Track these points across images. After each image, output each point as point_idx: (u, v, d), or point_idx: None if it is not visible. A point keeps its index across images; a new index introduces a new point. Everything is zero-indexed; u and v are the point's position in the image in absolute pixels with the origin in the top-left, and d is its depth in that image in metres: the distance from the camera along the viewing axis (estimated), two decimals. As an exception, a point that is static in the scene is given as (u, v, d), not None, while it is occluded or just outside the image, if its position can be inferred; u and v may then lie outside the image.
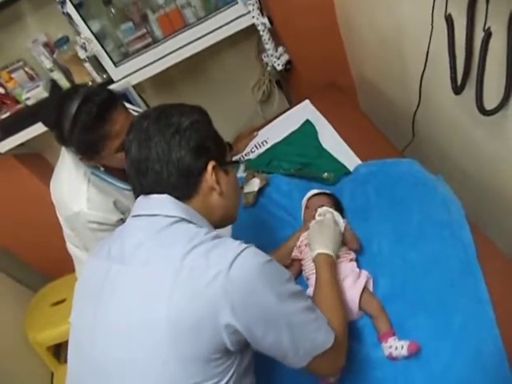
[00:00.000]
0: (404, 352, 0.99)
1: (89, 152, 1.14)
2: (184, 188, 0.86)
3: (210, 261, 0.74)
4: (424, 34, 1.23)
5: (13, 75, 1.77)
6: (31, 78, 1.83)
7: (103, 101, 1.09)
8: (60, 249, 1.55)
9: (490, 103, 1.07)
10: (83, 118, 1.07)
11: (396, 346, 1.01)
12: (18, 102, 1.81)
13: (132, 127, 0.89)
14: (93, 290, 0.84)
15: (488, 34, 0.94)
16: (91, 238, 1.27)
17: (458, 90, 1.17)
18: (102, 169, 1.24)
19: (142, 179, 0.86)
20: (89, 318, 0.82)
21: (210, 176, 0.87)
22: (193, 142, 0.85)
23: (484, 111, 1.09)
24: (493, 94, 1.05)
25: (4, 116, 1.78)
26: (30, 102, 1.75)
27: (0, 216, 2.18)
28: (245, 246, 0.78)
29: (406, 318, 1.07)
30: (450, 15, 1.04)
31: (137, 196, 0.89)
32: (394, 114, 1.77)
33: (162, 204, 0.84)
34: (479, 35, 0.98)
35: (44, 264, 2.43)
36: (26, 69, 1.81)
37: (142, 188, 0.87)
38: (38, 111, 1.60)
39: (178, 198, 0.85)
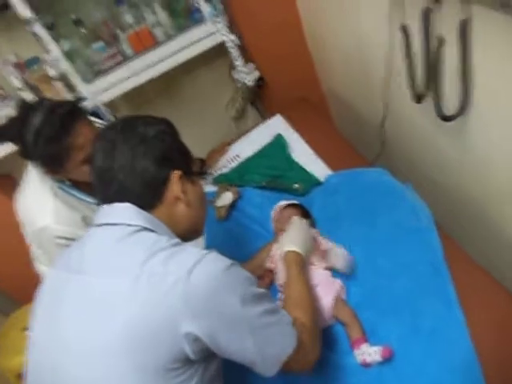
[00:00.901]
0: (378, 357, 0.99)
1: (53, 165, 1.12)
2: (147, 197, 0.85)
3: (169, 268, 0.73)
4: (384, 47, 1.27)
5: (-18, 95, 1.76)
6: (1, 98, 1.81)
7: (67, 113, 1.08)
8: (31, 273, 1.51)
9: (450, 109, 1.11)
10: (47, 130, 1.06)
11: (369, 353, 1.00)
12: (-13, 122, 1.78)
13: (98, 137, 0.89)
14: (51, 302, 0.82)
15: (440, 42, 0.98)
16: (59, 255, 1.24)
17: (418, 98, 1.21)
18: (68, 183, 1.22)
19: (106, 188, 0.85)
20: (46, 332, 0.79)
21: (175, 185, 0.86)
22: (157, 152, 0.85)
23: (444, 117, 1.13)
24: (452, 101, 1.09)
25: (-28, 136, 1.75)
26: (-1, 122, 1.73)
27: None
28: (205, 252, 0.77)
29: (377, 324, 1.07)
30: (405, 26, 1.08)
31: (100, 205, 0.88)
32: (363, 126, 1.81)
33: (123, 213, 0.83)
34: (434, 44, 1.03)
35: (15, 289, 2.36)
36: (-4, 89, 1.79)
37: (105, 197, 0.86)
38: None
39: (141, 207, 0.84)
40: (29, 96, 1.76)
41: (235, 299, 0.74)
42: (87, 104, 1.71)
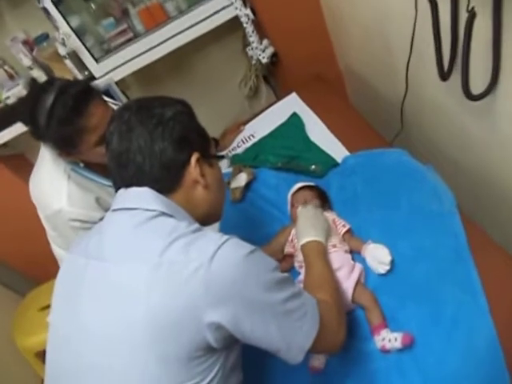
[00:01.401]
0: (398, 344, 0.97)
1: (66, 147, 1.10)
2: (166, 181, 0.83)
3: (189, 255, 0.71)
4: (408, 20, 1.20)
5: (-8, 74, 1.73)
6: (11, 77, 1.78)
7: (79, 93, 1.05)
8: (47, 252, 1.51)
9: (477, 88, 1.05)
10: (59, 111, 1.03)
11: (389, 339, 0.98)
12: (-2, 102, 1.77)
13: (113, 119, 0.86)
14: (70, 288, 0.81)
15: (472, 15, 0.92)
16: (74, 238, 1.23)
17: (444, 75, 1.15)
18: (81, 165, 1.20)
19: (122, 172, 0.83)
20: (66, 318, 0.79)
21: (193, 168, 0.84)
22: (176, 134, 0.82)
23: (471, 96, 1.07)
24: (480, 79, 1.03)
25: (-17, 116, 1.73)
26: (9, 101, 1.71)
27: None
28: (226, 237, 0.75)
29: (396, 310, 1.05)
30: (433, -3, 1.02)
31: (117, 189, 0.86)
32: (382, 104, 1.75)
33: (141, 197, 0.81)
34: (463, 17, 0.96)
35: (31, 268, 2.39)
36: (6, 67, 1.76)
37: (122, 181, 0.84)
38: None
39: (159, 191, 0.82)
40: (39, 75, 1.73)
41: (258, 285, 0.72)
42: (98, 83, 1.67)
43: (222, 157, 0.97)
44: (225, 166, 1.62)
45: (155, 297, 0.69)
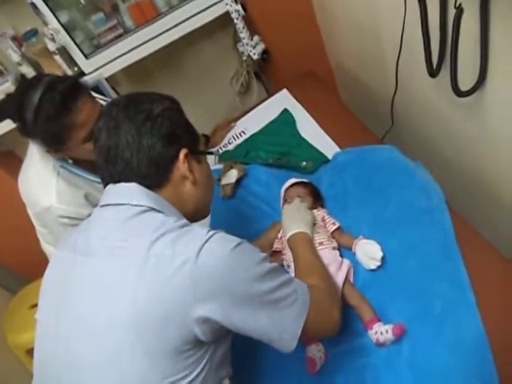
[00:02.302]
0: (389, 336, 0.98)
1: (54, 143, 1.09)
2: (154, 176, 0.83)
3: (176, 249, 0.71)
4: (398, 16, 1.21)
5: (-20, 71, 1.71)
6: (0, 73, 1.76)
7: (67, 89, 1.05)
8: (37, 250, 1.50)
9: (466, 84, 1.05)
10: (46, 108, 1.02)
11: (381, 331, 0.99)
12: (-14, 98, 1.74)
13: (101, 115, 0.86)
14: (58, 285, 0.81)
15: (460, 11, 0.92)
16: (63, 234, 1.23)
17: (433, 72, 1.15)
18: (70, 161, 1.19)
19: (110, 168, 0.83)
20: (53, 315, 0.79)
21: (182, 164, 0.84)
22: (164, 130, 0.82)
23: (459, 93, 1.08)
24: (468, 75, 1.04)
25: (-29, 113, 1.71)
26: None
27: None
28: (213, 232, 0.75)
29: (386, 304, 1.06)
30: (421, -6, 1.02)
31: (105, 185, 0.86)
32: (372, 100, 1.75)
33: (129, 193, 0.81)
34: (451, 13, 0.97)
35: (22, 266, 2.36)
36: (-6, 63, 1.74)
37: (110, 177, 0.84)
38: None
39: (147, 186, 0.82)
40: (28, 71, 1.71)
41: (246, 277, 0.73)
42: (88, 79, 1.66)
43: (211, 153, 0.97)
44: (214, 163, 1.61)
45: (142, 291, 0.69)
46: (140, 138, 0.81)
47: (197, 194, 0.89)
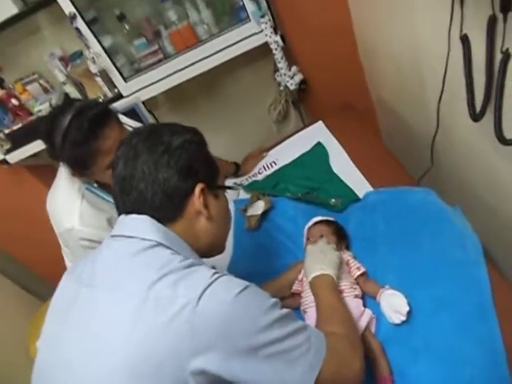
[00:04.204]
0: None
1: (79, 168, 1.11)
2: (168, 210, 0.81)
3: (177, 292, 0.68)
4: (441, 58, 1.15)
5: (27, 87, 1.79)
6: (46, 91, 1.84)
7: (96, 115, 1.06)
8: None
9: (511, 132, 0.98)
10: (74, 133, 1.04)
11: None
12: (31, 114, 1.82)
13: (122, 144, 0.85)
14: (60, 315, 0.80)
15: (506, 56, 0.86)
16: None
17: (476, 116, 1.08)
18: (95, 185, 1.20)
19: (124, 197, 0.82)
20: (51, 347, 0.77)
21: (197, 199, 0.82)
22: (181, 163, 0.81)
23: (504, 141, 1.00)
24: (514, 122, 0.96)
25: (16, 127, 1.78)
26: (41, 114, 1.75)
27: (13, 228, 2.18)
28: (218, 275, 0.71)
29: (407, 365, 0.97)
30: (465, 35, 0.96)
31: (119, 215, 0.85)
32: (413, 140, 1.68)
33: (140, 226, 0.79)
34: (498, 57, 0.90)
35: (53, 274, 2.42)
36: (41, 81, 1.82)
37: (124, 207, 0.83)
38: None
39: (160, 220, 0.80)
40: (71, 90, 1.78)
41: (251, 327, 0.68)
42: (125, 102, 1.69)
43: (230, 187, 0.94)
44: (235, 197, 1.60)
45: (137, 337, 0.66)
46: (156, 171, 0.79)
47: (211, 230, 0.86)
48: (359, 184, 1.45)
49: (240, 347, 0.67)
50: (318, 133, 1.71)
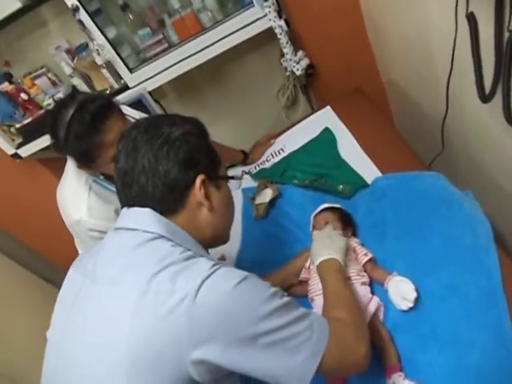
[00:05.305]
0: None
1: (84, 160, 1.12)
2: (169, 202, 0.81)
3: (176, 284, 0.68)
4: (449, 36, 1.11)
5: (36, 81, 1.81)
6: (54, 84, 1.85)
7: (98, 108, 1.06)
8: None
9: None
10: (76, 126, 1.04)
11: None
12: (40, 108, 1.84)
13: (122, 137, 0.85)
14: (66, 306, 0.81)
15: (513, 35, 0.82)
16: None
17: (485, 97, 1.05)
18: (101, 177, 1.21)
19: (126, 191, 0.82)
20: (58, 338, 0.79)
21: (198, 190, 0.81)
22: (182, 154, 0.80)
23: (513, 121, 0.97)
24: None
25: (26, 121, 1.81)
26: (51, 108, 1.77)
27: (32, 221, 2.22)
28: (217, 266, 0.71)
29: (415, 352, 0.96)
30: (472, 13, 0.92)
31: (122, 207, 0.85)
32: (423, 123, 1.64)
33: (142, 218, 0.80)
34: (506, 36, 0.86)
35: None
36: (49, 75, 1.83)
37: (127, 200, 0.83)
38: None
39: (161, 212, 0.80)
40: (79, 82, 1.78)
41: (250, 317, 0.68)
42: (131, 92, 1.69)
43: (232, 178, 0.93)
44: (237, 186, 1.60)
45: (138, 328, 0.67)
46: (156, 163, 0.79)
47: (214, 221, 0.86)
48: (368, 169, 1.43)
49: (239, 337, 0.67)
50: (325, 118, 1.68)
